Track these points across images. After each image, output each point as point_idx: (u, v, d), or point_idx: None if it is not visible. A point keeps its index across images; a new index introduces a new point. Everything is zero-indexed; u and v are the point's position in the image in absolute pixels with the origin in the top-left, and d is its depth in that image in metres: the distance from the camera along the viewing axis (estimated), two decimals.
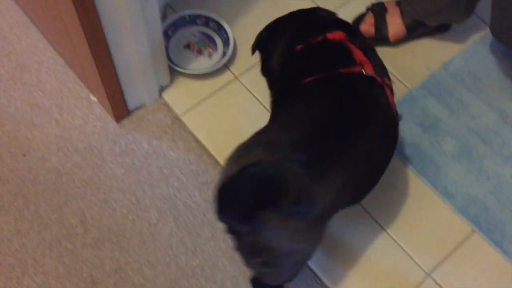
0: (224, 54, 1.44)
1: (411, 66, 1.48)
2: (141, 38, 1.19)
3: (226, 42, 1.46)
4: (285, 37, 1.09)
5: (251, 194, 0.81)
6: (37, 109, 1.38)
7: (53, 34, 1.40)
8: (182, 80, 1.44)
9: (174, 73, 1.42)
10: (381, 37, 1.47)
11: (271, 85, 1.16)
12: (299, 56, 1.05)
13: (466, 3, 1.36)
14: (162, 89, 1.42)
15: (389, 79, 1.06)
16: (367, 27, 1.47)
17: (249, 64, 1.45)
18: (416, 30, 1.47)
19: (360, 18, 1.49)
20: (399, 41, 1.49)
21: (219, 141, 1.37)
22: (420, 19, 1.43)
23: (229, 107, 1.41)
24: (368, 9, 1.50)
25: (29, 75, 1.43)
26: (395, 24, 1.45)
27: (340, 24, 1.10)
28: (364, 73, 0.98)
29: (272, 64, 1.12)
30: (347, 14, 1.32)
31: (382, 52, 1.18)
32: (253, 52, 1.17)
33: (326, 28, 1.05)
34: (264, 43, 1.14)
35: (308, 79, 0.99)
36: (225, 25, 1.46)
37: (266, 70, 1.17)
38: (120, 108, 1.35)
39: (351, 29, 1.09)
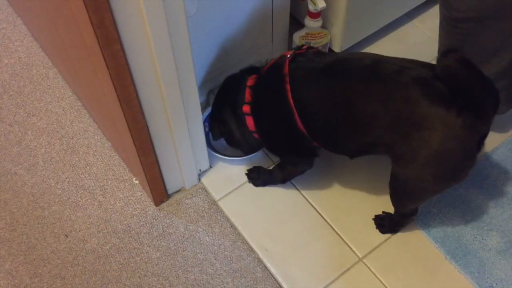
0: None
1: None
2: (182, 129, 1.25)
3: None
4: (230, 114, 1.29)
5: None
6: (82, 190, 1.45)
7: (102, 121, 1.49)
8: (221, 165, 1.47)
9: (213, 157, 1.46)
10: None
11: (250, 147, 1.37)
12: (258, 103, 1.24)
13: (506, 95, 1.35)
14: (201, 173, 1.46)
15: None
16: None
17: None
18: None
19: None
20: None
21: (254, 228, 1.37)
22: None
23: (266, 194, 1.43)
24: None
25: (78, 157, 1.51)
26: None
27: (249, 70, 1.28)
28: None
29: (235, 135, 1.32)
30: None
31: None
32: (217, 138, 1.39)
33: (243, 82, 1.25)
34: (223, 130, 1.34)
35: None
36: None
37: (234, 142, 1.37)
38: (159, 192, 1.39)
39: (255, 68, 1.29)
